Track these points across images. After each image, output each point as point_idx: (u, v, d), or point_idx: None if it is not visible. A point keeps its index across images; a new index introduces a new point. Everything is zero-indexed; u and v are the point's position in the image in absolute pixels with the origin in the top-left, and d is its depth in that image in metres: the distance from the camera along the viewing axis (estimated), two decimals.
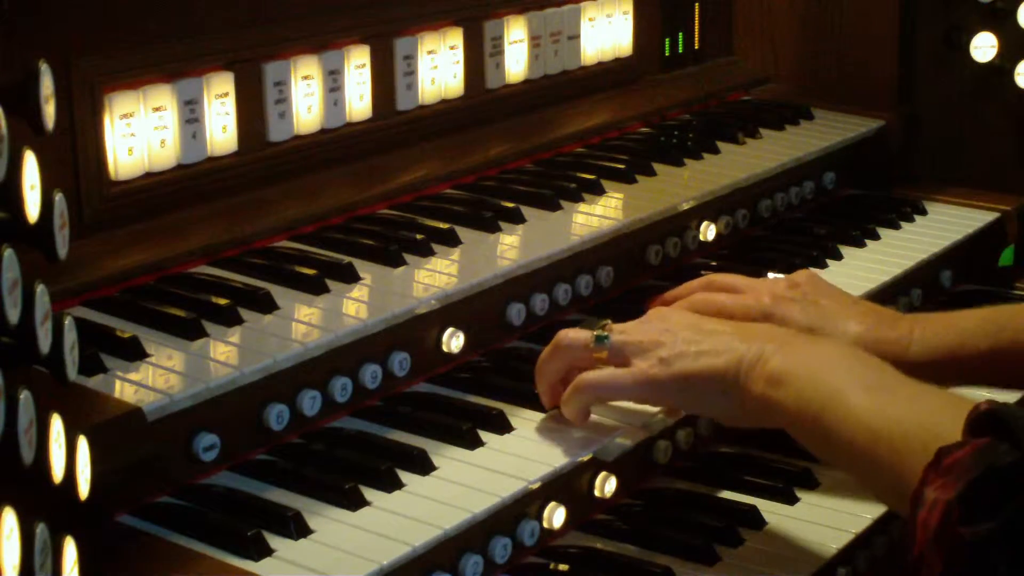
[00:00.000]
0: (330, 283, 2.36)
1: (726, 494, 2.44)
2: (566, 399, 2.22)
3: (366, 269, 2.43)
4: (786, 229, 3.19)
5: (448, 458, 2.16)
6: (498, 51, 3.07)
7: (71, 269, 2.18)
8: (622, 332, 2.19)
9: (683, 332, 2.14)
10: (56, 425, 1.53)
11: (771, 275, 2.64)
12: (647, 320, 2.22)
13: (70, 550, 1.51)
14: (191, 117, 2.46)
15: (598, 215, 2.77)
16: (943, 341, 2.32)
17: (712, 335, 2.13)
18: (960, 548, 1.57)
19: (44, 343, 1.54)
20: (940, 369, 2.29)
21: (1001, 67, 3.54)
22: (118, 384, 2.01)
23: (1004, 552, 1.55)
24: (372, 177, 2.76)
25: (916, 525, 1.64)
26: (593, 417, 2.25)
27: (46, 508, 1.49)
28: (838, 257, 3.03)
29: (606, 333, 2.18)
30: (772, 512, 2.37)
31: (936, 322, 2.37)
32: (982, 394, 1.89)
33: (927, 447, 1.68)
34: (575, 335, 2.22)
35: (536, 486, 2.14)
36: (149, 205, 2.42)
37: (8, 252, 1.44)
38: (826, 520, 2.36)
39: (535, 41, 3.15)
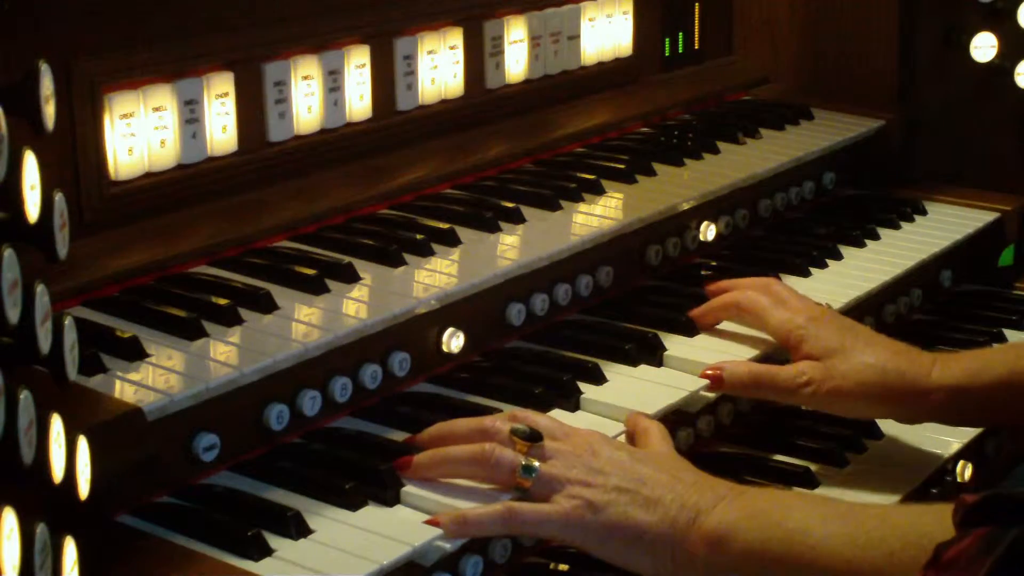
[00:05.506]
0: (330, 283, 2.35)
1: None
2: (487, 515, 2.03)
3: (366, 269, 2.43)
4: (786, 229, 3.19)
5: None
6: (498, 51, 3.07)
7: (71, 269, 2.18)
8: (550, 462, 2.07)
9: (614, 476, 2.04)
10: (56, 425, 1.53)
11: None
12: (576, 452, 2.09)
13: (70, 550, 1.51)
14: (191, 117, 2.46)
15: (598, 215, 2.77)
16: (963, 368, 2.38)
17: (645, 484, 2.03)
18: None
19: (44, 343, 1.53)
20: (960, 396, 2.36)
21: (1001, 67, 3.54)
22: (118, 384, 2.01)
23: None
24: (372, 177, 2.76)
25: None
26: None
27: (46, 508, 1.49)
28: (838, 257, 3.02)
29: (535, 464, 2.06)
30: None
31: (958, 355, 2.46)
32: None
33: (916, 560, 1.59)
34: (502, 456, 2.06)
35: None
36: (149, 205, 2.42)
37: (8, 252, 1.44)
38: None
39: (535, 41, 3.15)
